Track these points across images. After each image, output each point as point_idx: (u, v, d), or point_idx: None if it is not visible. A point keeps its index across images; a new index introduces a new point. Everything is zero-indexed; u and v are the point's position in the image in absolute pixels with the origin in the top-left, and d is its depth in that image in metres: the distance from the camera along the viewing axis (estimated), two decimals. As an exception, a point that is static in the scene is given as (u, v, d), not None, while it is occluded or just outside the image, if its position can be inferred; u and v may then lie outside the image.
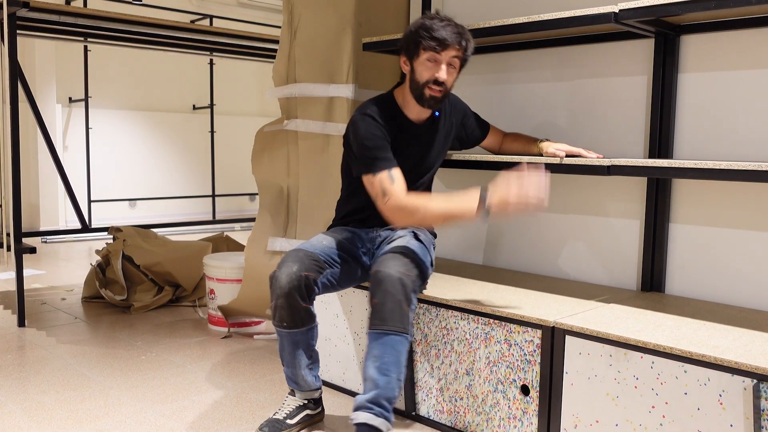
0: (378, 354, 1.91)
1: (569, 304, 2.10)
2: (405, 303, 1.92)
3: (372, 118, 2.12)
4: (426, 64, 2.06)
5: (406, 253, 2.03)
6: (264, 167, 3.04)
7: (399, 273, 1.93)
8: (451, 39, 2.03)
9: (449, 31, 2.03)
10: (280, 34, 2.98)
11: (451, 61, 2.06)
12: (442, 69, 2.05)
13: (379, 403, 1.90)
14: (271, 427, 2.09)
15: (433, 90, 2.08)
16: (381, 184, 2.05)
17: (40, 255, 5.58)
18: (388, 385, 1.91)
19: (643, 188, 2.31)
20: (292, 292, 1.98)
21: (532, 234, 2.62)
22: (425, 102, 2.11)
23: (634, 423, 1.75)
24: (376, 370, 1.91)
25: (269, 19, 8.04)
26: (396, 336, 1.91)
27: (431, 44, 2.02)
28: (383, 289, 1.92)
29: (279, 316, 2.02)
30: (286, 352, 2.09)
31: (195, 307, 3.80)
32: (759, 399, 1.54)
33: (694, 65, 2.18)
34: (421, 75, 2.07)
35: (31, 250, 3.31)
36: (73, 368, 2.74)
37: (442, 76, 2.06)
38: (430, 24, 2.04)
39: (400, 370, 1.93)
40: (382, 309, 1.91)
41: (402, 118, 2.19)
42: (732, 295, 2.13)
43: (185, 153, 8.03)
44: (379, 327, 1.91)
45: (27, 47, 6.60)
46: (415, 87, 2.10)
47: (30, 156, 6.74)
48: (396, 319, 1.91)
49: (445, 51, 2.03)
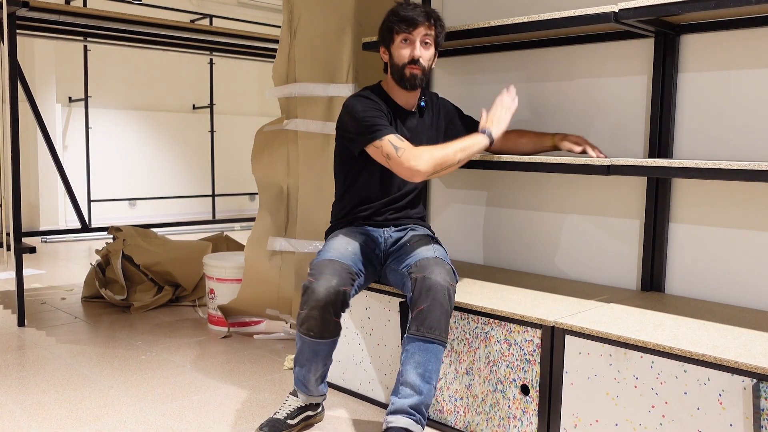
0: (422, 361, 1.92)
1: (569, 304, 2.10)
2: (450, 313, 1.97)
3: (367, 98, 2.21)
4: (401, 46, 2.16)
5: (445, 261, 2.06)
6: (264, 167, 3.04)
7: (446, 282, 1.96)
8: (420, 17, 2.13)
9: (417, 11, 2.14)
10: (280, 33, 2.98)
11: (423, 38, 2.15)
12: (416, 47, 2.15)
13: (421, 410, 1.93)
14: (272, 426, 2.09)
15: (412, 68, 2.16)
16: (390, 144, 2.06)
17: (39, 255, 5.59)
18: (430, 393, 1.94)
19: (643, 188, 2.31)
20: (328, 306, 1.96)
21: (532, 234, 2.63)
22: (407, 82, 2.18)
23: (633, 422, 1.75)
24: (419, 377, 1.92)
25: (269, 18, 8.04)
26: (440, 345, 1.94)
27: (401, 26, 2.13)
28: (432, 297, 1.93)
29: (308, 326, 1.99)
30: (304, 357, 2.07)
31: (195, 307, 3.80)
32: (759, 398, 1.54)
33: (694, 65, 2.18)
34: (398, 58, 2.17)
35: (31, 249, 3.31)
36: (73, 368, 2.74)
37: (417, 53, 2.15)
38: (398, 8, 2.16)
39: (437, 378, 1.98)
40: (430, 317, 1.93)
41: (392, 103, 2.26)
42: (732, 295, 2.13)
43: (185, 153, 8.03)
44: (426, 335, 1.93)
45: (27, 47, 6.60)
46: (396, 70, 2.19)
47: (30, 156, 6.74)
48: (442, 328, 1.94)
49: (415, 30, 2.13)
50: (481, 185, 2.78)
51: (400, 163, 2.04)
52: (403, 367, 1.95)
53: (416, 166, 2.02)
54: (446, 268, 2.03)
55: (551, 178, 2.56)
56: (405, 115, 2.28)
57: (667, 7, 1.88)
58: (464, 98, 2.79)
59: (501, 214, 2.72)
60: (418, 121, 2.31)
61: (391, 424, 1.91)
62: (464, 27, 2.39)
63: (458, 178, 2.85)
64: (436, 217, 2.92)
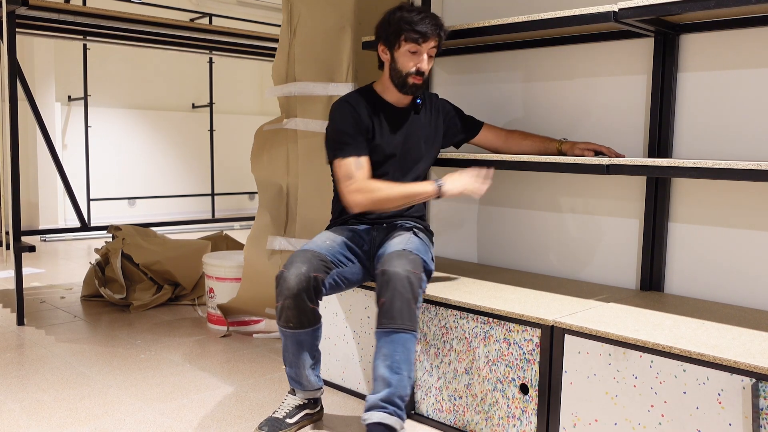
0: (388, 352, 1.91)
1: (568, 303, 2.10)
2: (413, 301, 1.93)
3: (350, 104, 2.21)
4: (407, 55, 2.15)
5: (410, 251, 2.04)
6: (263, 166, 3.04)
7: (406, 271, 1.94)
8: (432, 31, 2.12)
9: (429, 24, 2.12)
10: (280, 32, 2.98)
11: (430, 51, 2.16)
12: (423, 60, 2.15)
13: (393, 401, 1.90)
14: (271, 426, 2.09)
15: (416, 78, 2.17)
16: (348, 168, 2.13)
17: (39, 253, 5.58)
18: (401, 383, 1.91)
19: (642, 187, 2.31)
20: (301, 293, 1.98)
21: (532, 233, 2.63)
22: (408, 89, 2.20)
23: (633, 422, 1.75)
24: (388, 368, 1.91)
25: (269, 17, 8.03)
26: (405, 334, 1.92)
27: (413, 36, 2.11)
28: (392, 288, 1.92)
29: (285, 317, 2.02)
30: (290, 353, 2.09)
31: (194, 306, 3.80)
32: (758, 398, 1.54)
33: (694, 64, 2.18)
34: (403, 65, 2.16)
35: (31, 248, 3.31)
36: (73, 367, 2.74)
37: (424, 67, 2.16)
38: (410, 16, 2.12)
39: (410, 368, 1.94)
40: (391, 307, 1.91)
41: (382, 103, 2.26)
42: (731, 295, 2.13)
43: (184, 152, 8.02)
44: (389, 325, 1.91)
45: (26, 45, 6.59)
46: (398, 76, 2.18)
47: (29, 154, 6.73)
48: (405, 317, 1.91)
49: (426, 43, 2.13)
50: (480, 184, 2.78)
51: (342, 190, 2.16)
52: (374, 362, 1.95)
53: (353, 201, 2.13)
54: (410, 257, 2.00)
55: (551, 177, 2.56)
56: (397, 114, 2.27)
57: (666, 6, 1.88)
58: (464, 98, 2.79)
59: (500, 213, 2.72)
60: (413, 118, 2.30)
61: (366, 421, 1.91)
62: (464, 26, 2.39)
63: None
64: (436, 217, 2.92)
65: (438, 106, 2.39)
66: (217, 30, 4.35)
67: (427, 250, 2.16)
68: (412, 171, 2.31)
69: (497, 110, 2.71)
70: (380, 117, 2.24)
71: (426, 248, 2.16)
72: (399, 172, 2.27)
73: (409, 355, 1.93)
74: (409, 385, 1.94)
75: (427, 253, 2.15)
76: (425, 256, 2.09)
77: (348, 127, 2.17)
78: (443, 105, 2.42)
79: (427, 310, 2.21)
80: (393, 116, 2.26)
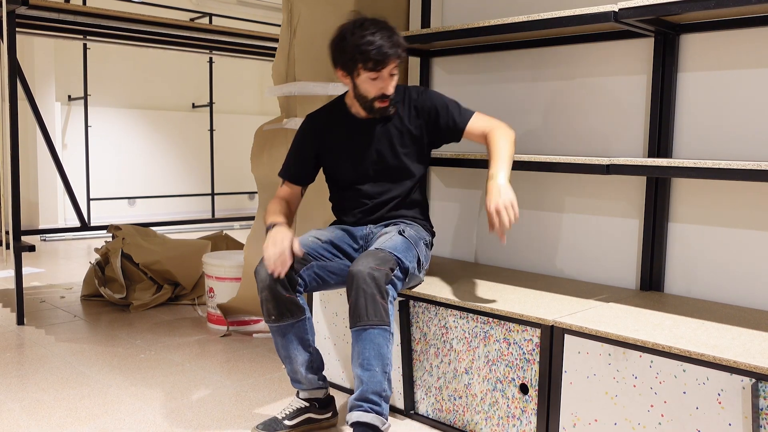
0: (359, 351, 1.91)
1: (568, 303, 2.10)
2: (378, 295, 1.90)
3: (310, 119, 2.26)
4: (369, 82, 2.06)
5: (382, 250, 2.01)
6: (263, 166, 3.04)
7: (368, 268, 1.91)
8: (391, 54, 2.02)
9: (385, 47, 2.00)
10: (280, 32, 2.98)
11: (392, 71, 2.07)
12: (387, 84, 2.07)
13: (366, 398, 1.88)
14: (266, 425, 2.09)
15: (381, 102, 2.11)
16: (279, 188, 2.30)
17: (39, 253, 5.58)
18: (372, 378, 1.89)
19: (642, 187, 2.31)
20: (274, 282, 1.98)
21: (532, 233, 2.63)
22: (376, 113, 2.15)
23: (632, 422, 1.75)
24: (359, 366, 1.90)
25: (269, 17, 8.03)
26: (373, 329, 1.90)
27: (370, 65, 2.01)
28: (355, 287, 1.92)
29: (266, 310, 2.03)
30: (281, 348, 2.09)
31: (194, 306, 3.80)
32: (758, 398, 1.54)
33: (694, 64, 2.18)
34: (367, 91, 2.09)
35: (30, 248, 3.31)
36: (72, 366, 2.74)
37: (390, 91, 2.08)
38: (363, 44, 1.99)
39: (384, 362, 1.91)
40: (356, 306, 1.91)
41: (349, 116, 2.23)
42: (731, 295, 2.13)
43: (184, 151, 8.02)
44: (357, 324, 1.91)
45: (26, 45, 6.59)
46: (363, 101, 2.12)
47: (29, 154, 6.73)
48: (371, 312, 1.89)
49: (386, 68, 2.04)
50: (480, 185, 2.78)
51: None
52: (351, 365, 1.95)
53: None
54: (380, 255, 1.97)
55: (550, 177, 2.56)
56: (365, 126, 2.21)
57: (667, 6, 1.88)
58: (464, 98, 2.79)
59: (500, 213, 2.72)
60: (381, 128, 2.21)
61: (348, 422, 1.91)
62: (464, 26, 2.39)
63: (458, 177, 2.85)
64: (436, 216, 2.91)
65: (418, 104, 2.22)
66: (218, 30, 4.35)
67: (409, 249, 2.09)
68: (393, 182, 2.24)
69: (497, 110, 2.71)
70: (346, 132, 2.21)
71: (408, 246, 2.09)
72: (376, 185, 2.24)
73: (380, 350, 1.90)
74: (385, 379, 1.91)
75: (409, 251, 2.08)
76: (403, 254, 2.03)
77: (294, 149, 2.28)
78: (425, 101, 2.22)
79: (426, 309, 2.21)
80: (361, 129, 2.21)
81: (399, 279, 2.01)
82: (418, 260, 2.15)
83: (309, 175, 2.31)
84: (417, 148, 2.26)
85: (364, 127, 2.22)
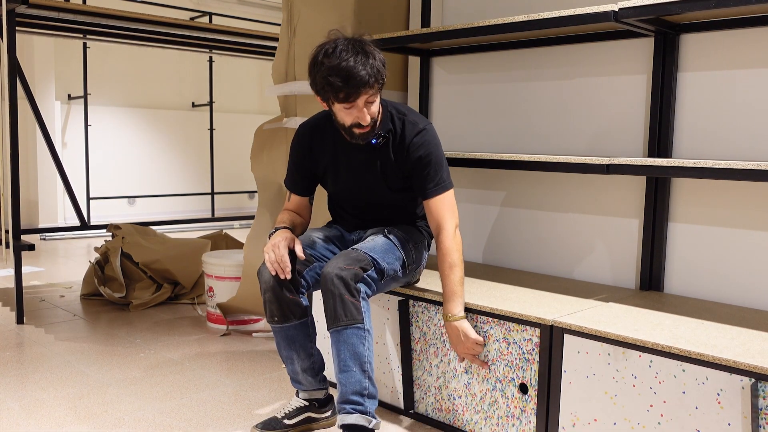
0: (336, 354, 1.91)
1: (568, 303, 2.10)
2: (347, 294, 1.88)
3: (302, 132, 2.18)
4: (343, 110, 1.93)
5: (357, 250, 1.99)
6: (263, 165, 3.04)
7: (336, 269, 1.90)
8: (362, 86, 1.86)
9: (356, 78, 1.84)
10: (280, 31, 2.98)
11: (368, 100, 1.91)
12: (363, 114, 1.92)
13: (348, 399, 1.88)
14: (266, 424, 2.09)
15: (359, 130, 1.96)
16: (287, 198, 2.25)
17: (38, 252, 5.58)
18: (350, 379, 1.88)
19: (642, 187, 2.31)
20: (278, 284, 1.98)
21: (531, 232, 2.63)
22: (357, 139, 2.00)
23: (632, 422, 1.75)
24: (338, 370, 1.91)
25: (269, 16, 8.03)
26: (346, 329, 1.89)
27: (340, 96, 1.88)
28: (324, 290, 1.92)
29: (269, 311, 2.02)
30: (283, 349, 2.08)
31: (194, 305, 3.80)
32: (757, 398, 1.54)
33: (694, 64, 2.18)
34: (343, 120, 1.96)
35: (30, 247, 3.31)
36: (72, 365, 2.74)
37: (366, 120, 1.93)
38: (333, 72, 1.85)
39: (361, 360, 1.89)
40: (327, 309, 1.91)
41: (336, 133, 2.09)
42: (730, 294, 2.13)
43: (184, 150, 8.02)
44: (330, 326, 1.91)
45: (26, 44, 6.59)
46: (342, 127, 1.99)
47: (29, 153, 6.73)
48: (340, 313, 1.89)
49: (359, 98, 1.89)
50: (479, 184, 2.78)
51: None
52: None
53: None
54: (351, 255, 1.94)
55: (550, 177, 2.56)
56: (349, 148, 2.09)
57: (667, 6, 1.87)
58: (464, 97, 2.79)
59: (499, 212, 2.72)
60: (370, 153, 2.08)
61: (337, 426, 1.92)
62: (464, 26, 2.38)
63: (458, 177, 2.85)
64: (436, 216, 2.91)
65: (411, 150, 2.05)
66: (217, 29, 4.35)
67: (390, 250, 2.04)
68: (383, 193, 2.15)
69: (497, 110, 2.71)
70: (335, 150, 2.12)
71: (390, 248, 2.05)
72: (358, 204, 2.21)
73: (355, 349, 1.88)
74: (365, 377, 1.89)
75: (390, 252, 2.03)
76: (380, 255, 1.99)
77: (291, 162, 2.22)
78: (417, 151, 2.05)
79: (426, 309, 2.21)
80: (348, 151, 2.11)
81: (373, 279, 1.97)
82: (404, 262, 2.09)
83: (310, 186, 2.24)
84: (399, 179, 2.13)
85: (350, 150, 2.11)
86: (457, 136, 2.84)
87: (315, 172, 2.20)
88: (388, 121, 2.06)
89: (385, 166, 2.09)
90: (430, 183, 2.05)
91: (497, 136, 2.72)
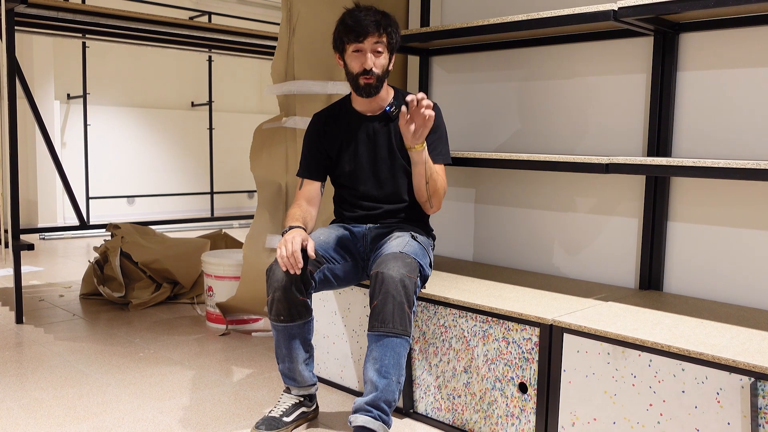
0: (378, 356, 1.91)
1: (567, 302, 2.10)
2: (406, 305, 1.92)
3: (317, 123, 2.29)
4: (353, 56, 2.14)
5: (407, 254, 2.03)
6: (262, 164, 3.04)
7: (400, 274, 1.93)
8: (369, 27, 2.09)
9: (367, 21, 2.09)
10: (279, 31, 2.97)
11: (374, 47, 2.12)
12: (367, 58, 2.12)
13: (378, 406, 1.90)
14: (268, 424, 2.09)
15: (365, 79, 2.14)
16: (299, 185, 2.30)
17: (38, 252, 5.58)
18: (388, 387, 1.91)
19: (641, 186, 2.31)
20: (290, 285, 1.99)
21: (531, 232, 2.63)
22: (362, 91, 2.17)
23: (631, 421, 1.75)
24: (376, 372, 1.91)
25: (268, 16, 8.03)
26: (396, 338, 1.91)
27: (350, 36, 2.11)
28: (384, 291, 1.92)
29: (276, 310, 2.03)
30: (283, 347, 2.09)
31: (193, 305, 3.79)
32: (756, 397, 1.54)
33: (694, 63, 2.18)
34: (351, 67, 2.16)
35: (29, 246, 3.31)
36: (71, 365, 2.73)
37: (369, 65, 2.12)
38: (348, 17, 2.12)
39: (400, 372, 1.94)
40: (383, 311, 1.91)
41: (352, 113, 2.27)
42: (730, 294, 2.13)
43: (183, 150, 8.02)
44: (380, 329, 1.91)
45: (25, 43, 6.58)
46: (351, 79, 2.18)
47: (28, 153, 6.73)
48: (397, 321, 1.91)
49: (366, 39, 2.10)
50: (478, 183, 2.78)
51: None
52: (364, 365, 1.96)
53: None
54: (406, 261, 1.99)
55: (550, 176, 2.56)
56: (363, 122, 2.25)
57: (666, 5, 1.88)
58: (463, 96, 2.79)
59: (500, 212, 2.72)
60: (380, 128, 2.24)
61: (352, 423, 1.92)
62: (463, 25, 2.38)
63: (457, 176, 2.85)
64: (435, 215, 2.91)
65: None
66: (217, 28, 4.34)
67: (424, 255, 2.13)
68: (393, 178, 2.24)
69: (496, 109, 2.71)
70: (347, 127, 2.25)
71: (424, 253, 2.13)
72: (375, 182, 2.24)
73: (399, 360, 1.93)
74: (398, 389, 1.94)
75: (425, 258, 2.13)
76: (422, 261, 2.08)
77: (306, 147, 2.31)
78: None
79: (425, 308, 2.21)
80: (359, 124, 2.25)
81: (419, 288, 2.05)
82: (429, 263, 2.19)
83: (326, 170, 2.32)
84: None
85: (364, 123, 2.25)
86: (456, 135, 2.84)
87: (329, 154, 2.29)
88: (400, 96, 2.25)
89: (399, 135, 2.20)
90: (433, 150, 2.20)
91: (497, 135, 2.72)
